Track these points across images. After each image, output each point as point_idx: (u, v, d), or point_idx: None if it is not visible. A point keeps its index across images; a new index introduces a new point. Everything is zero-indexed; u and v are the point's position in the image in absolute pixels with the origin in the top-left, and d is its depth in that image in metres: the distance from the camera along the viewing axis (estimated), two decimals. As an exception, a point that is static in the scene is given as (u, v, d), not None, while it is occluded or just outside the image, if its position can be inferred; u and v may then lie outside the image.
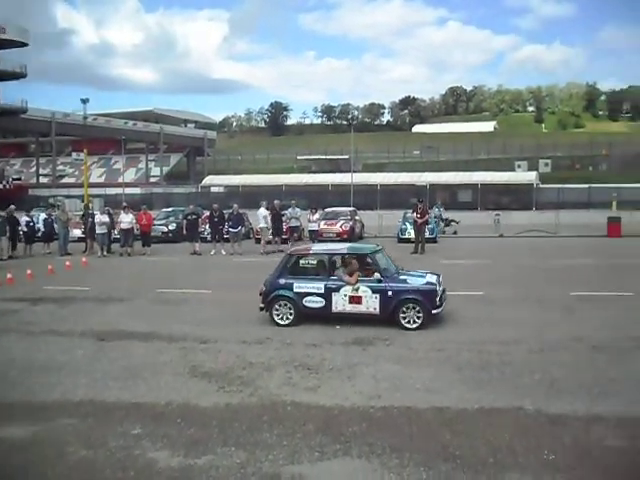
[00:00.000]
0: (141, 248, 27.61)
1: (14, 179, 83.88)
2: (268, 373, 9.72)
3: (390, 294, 12.61)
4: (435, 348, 10.95)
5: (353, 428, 7.41)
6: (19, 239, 27.49)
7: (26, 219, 28.20)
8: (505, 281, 18.08)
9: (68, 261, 23.77)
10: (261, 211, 27.81)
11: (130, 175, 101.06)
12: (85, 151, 52.14)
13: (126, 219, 27.36)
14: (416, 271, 14.09)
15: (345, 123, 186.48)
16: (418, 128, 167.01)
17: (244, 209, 32.06)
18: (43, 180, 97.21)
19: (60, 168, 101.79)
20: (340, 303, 12.83)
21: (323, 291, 12.88)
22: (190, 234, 28.01)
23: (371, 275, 13.00)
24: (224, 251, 26.86)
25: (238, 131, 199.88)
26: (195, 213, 29.24)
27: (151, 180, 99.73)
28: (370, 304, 12.72)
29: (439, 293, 12.80)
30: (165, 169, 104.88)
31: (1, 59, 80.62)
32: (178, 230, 31.13)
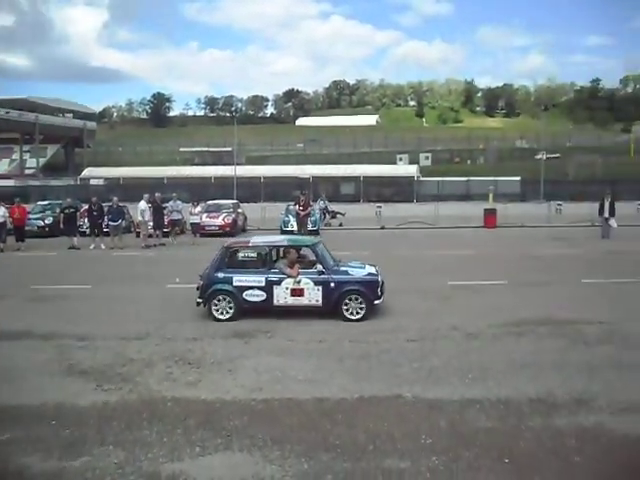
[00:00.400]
0: (15, 243, 26.38)
1: None
2: (148, 369, 9.53)
3: (333, 286, 12.58)
4: (316, 339, 11.05)
5: (234, 421, 7.37)
6: None
7: None
8: (384, 272, 18.31)
9: None
10: (141, 204, 27.13)
11: (3, 166, 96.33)
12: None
13: (-3, 213, 26.09)
14: (354, 262, 14.07)
15: (229, 115, 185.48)
16: (302, 121, 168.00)
17: (125, 202, 31.25)
18: None
19: None
20: (282, 296, 12.66)
21: (264, 284, 12.66)
22: (68, 228, 26.99)
23: (311, 267, 12.96)
24: (104, 245, 26.07)
25: (119, 122, 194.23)
26: (73, 206, 28.20)
27: (26, 172, 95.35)
28: (312, 296, 12.63)
29: (380, 283, 12.95)
30: (41, 160, 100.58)
31: None
32: (55, 224, 29.84)
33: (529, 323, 11.96)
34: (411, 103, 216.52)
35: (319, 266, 12.81)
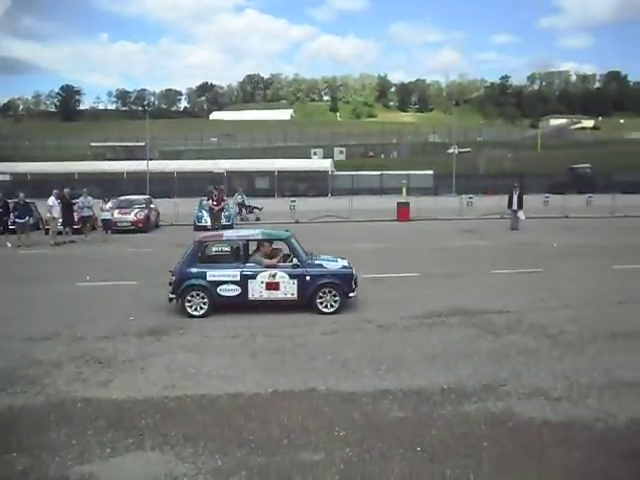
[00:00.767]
0: None
1: None
2: (57, 370, 9.24)
3: (308, 279, 12.52)
4: (230, 335, 10.97)
5: (147, 420, 7.26)
6: None
7: None
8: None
9: None
10: (50, 200, 26.33)
11: None
12: None
13: None
14: (327, 256, 13.98)
15: (141, 109, 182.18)
16: (216, 115, 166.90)
17: (33, 198, 30.32)
18: None
19: None
20: (257, 290, 12.52)
21: (239, 278, 12.49)
22: (-31, 226, 25.96)
23: (285, 261, 12.86)
24: (10, 243, 25.18)
25: (25, 115, 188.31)
26: (-25, 203, 27.14)
27: None
28: (288, 290, 12.55)
29: (354, 276, 12.94)
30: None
31: None
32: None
33: (441, 314, 12.21)
34: (325, 98, 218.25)
35: (294, 259, 12.74)
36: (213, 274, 12.53)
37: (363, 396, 7.97)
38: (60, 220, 26.28)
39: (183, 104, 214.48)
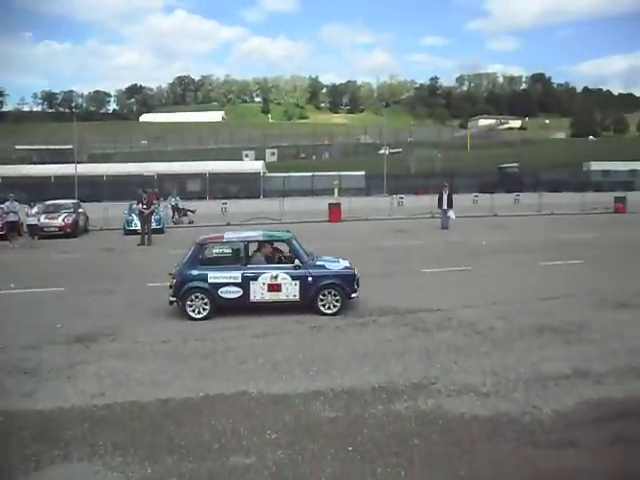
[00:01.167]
0: None
1: None
2: (-22, 382, 8.93)
3: (310, 280, 12.36)
4: (161, 340, 10.81)
5: (74, 430, 7.08)
6: None
7: None
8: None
9: None
10: (-29, 206, 25.55)
11: None
12: None
13: None
14: (328, 256, 13.82)
15: (68, 111, 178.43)
16: (146, 117, 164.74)
17: (-46, 205, 29.24)
18: None
19: None
20: (259, 292, 12.35)
21: (240, 280, 12.31)
22: None
23: (287, 262, 12.72)
24: None
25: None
26: None
27: None
28: (290, 291, 12.38)
29: (356, 277, 12.81)
30: None
31: None
32: None
33: (372, 313, 12.31)
34: (257, 99, 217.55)
35: (296, 261, 12.57)
36: (214, 276, 12.38)
37: (295, 398, 7.97)
38: (-17, 226, 25.50)
39: (112, 106, 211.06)
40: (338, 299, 12.46)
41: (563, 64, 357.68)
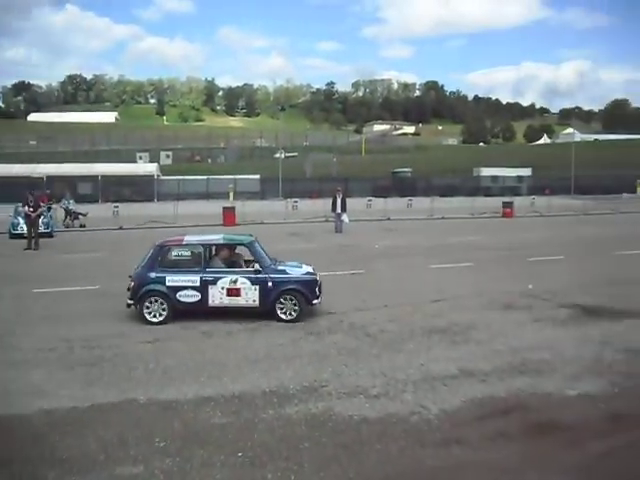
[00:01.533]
0: None
1: None
2: None
3: (270, 285, 12.00)
4: (47, 347, 10.40)
5: (-52, 445, 6.74)
6: None
7: None
8: (118, 274, 17.61)
9: None
10: None
11: None
12: None
13: None
14: (291, 262, 13.51)
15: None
16: (34, 116, 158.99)
17: None
18: None
19: None
20: (217, 296, 12.00)
21: (199, 284, 11.95)
22: None
23: (247, 266, 12.34)
24: None
25: None
26: None
27: None
28: (249, 296, 12.03)
29: (319, 283, 12.47)
30: None
31: None
32: None
33: (261, 319, 12.21)
34: (152, 101, 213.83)
35: (256, 265, 12.23)
36: (172, 279, 12.06)
37: (184, 404, 7.87)
38: None
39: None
40: (296, 305, 12.17)
41: (455, 73, 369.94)
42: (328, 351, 10.15)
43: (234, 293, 12.09)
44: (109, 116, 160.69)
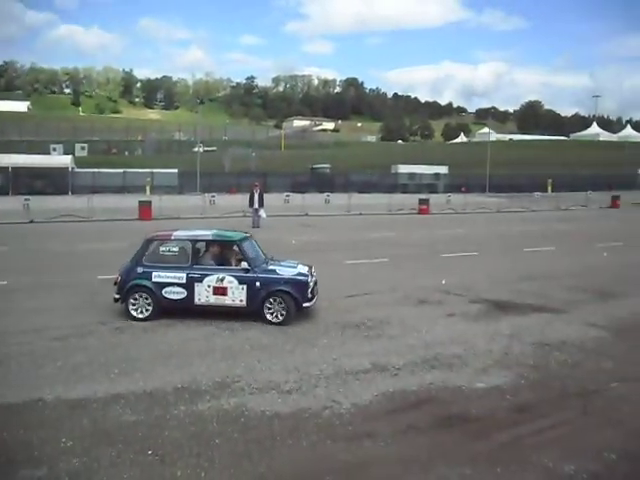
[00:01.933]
0: None
1: None
2: None
3: (258, 285, 11.52)
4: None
5: None
6: None
7: None
8: (26, 269, 17.22)
9: None
10: None
11: None
12: None
13: None
14: (287, 261, 13.00)
15: None
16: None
17: None
18: None
19: None
20: (203, 294, 11.61)
21: (185, 281, 11.61)
22: None
23: (238, 264, 11.79)
24: None
25: None
26: None
27: None
28: (236, 296, 11.59)
29: (311, 285, 11.90)
30: None
31: None
32: None
33: (175, 315, 12.00)
34: (66, 90, 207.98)
35: (243, 263, 11.75)
36: (158, 275, 11.73)
37: (93, 402, 7.71)
38: None
39: None
40: (284, 308, 11.66)
41: (375, 70, 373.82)
42: (242, 346, 10.13)
43: (221, 292, 11.71)
44: (21, 105, 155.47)
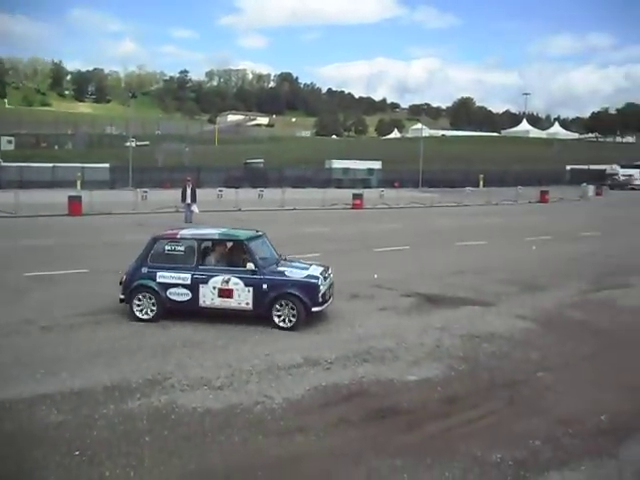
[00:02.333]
0: None
1: None
2: None
3: (265, 287, 11.03)
4: None
5: None
6: None
7: None
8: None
9: None
10: None
11: None
12: None
13: None
14: (300, 261, 12.48)
15: None
16: None
17: None
18: None
19: None
20: (208, 296, 11.20)
21: (189, 282, 11.23)
22: None
23: (245, 265, 11.22)
24: None
25: None
26: None
27: None
28: (242, 298, 11.13)
29: (322, 288, 11.27)
30: None
31: None
32: None
33: (105, 312, 11.91)
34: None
35: (249, 265, 11.18)
36: (163, 275, 11.38)
37: (18, 403, 7.50)
38: None
39: None
40: (294, 312, 11.08)
41: (309, 65, 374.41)
42: (173, 343, 10.01)
43: (226, 294, 11.25)
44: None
